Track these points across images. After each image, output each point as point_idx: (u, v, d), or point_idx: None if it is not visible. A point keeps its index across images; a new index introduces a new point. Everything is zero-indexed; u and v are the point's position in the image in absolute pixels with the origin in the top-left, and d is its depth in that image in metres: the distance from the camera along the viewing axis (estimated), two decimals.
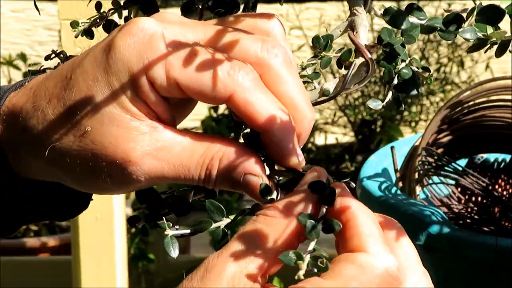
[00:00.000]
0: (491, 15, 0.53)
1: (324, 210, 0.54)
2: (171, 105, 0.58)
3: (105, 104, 0.55)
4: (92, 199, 0.66)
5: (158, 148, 0.56)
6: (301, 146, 0.58)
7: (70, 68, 0.57)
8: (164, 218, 0.59)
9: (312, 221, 0.52)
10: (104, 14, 0.65)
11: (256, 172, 0.56)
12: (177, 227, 0.57)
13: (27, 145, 0.58)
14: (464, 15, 0.56)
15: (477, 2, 0.54)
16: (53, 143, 0.57)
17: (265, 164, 0.58)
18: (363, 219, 0.54)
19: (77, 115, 0.56)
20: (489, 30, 0.53)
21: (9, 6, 4.34)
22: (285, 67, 0.57)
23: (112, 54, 0.55)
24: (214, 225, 0.57)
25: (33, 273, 2.90)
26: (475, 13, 0.54)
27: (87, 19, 0.66)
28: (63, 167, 0.58)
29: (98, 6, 0.66)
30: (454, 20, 0.56)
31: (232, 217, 0.57)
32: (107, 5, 0.66)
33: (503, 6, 0.53)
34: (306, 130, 0.58)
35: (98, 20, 0.65)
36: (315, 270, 0.52)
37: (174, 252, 0.57)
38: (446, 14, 0.57)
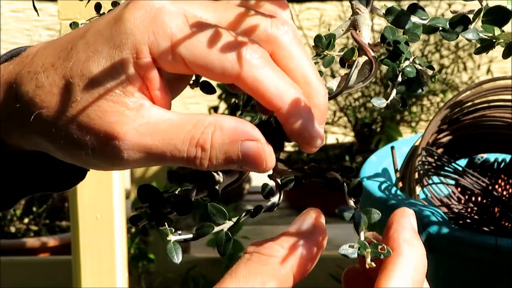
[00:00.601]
0: (498, 16, 0.53)
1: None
2: (167, 84, 0.56)
3: (101, 76, 0.54)
4: (88, 170, 0.65)
5: (143, 124, 0.54)
6: (323, 124, 0.56)
7: (71, 39, 0.57)
8: (166, 217, 0.59)
9: (352, 211, 0.53)
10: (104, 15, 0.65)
11: (254, 136, 0.54)
12: (179, 232, 0.57)
13: (18, 112, 0.57)
14: (471, 16, 0.56)
15: (484, 3, 0.54)
16: (41, 109, 0.56)
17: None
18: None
19: (70, 85, 0.55)
20: (497, 31, 0.53)
21: (9, 6, 4.34)
22: (296, 44, 0.56)
23: (116, 27, 0.55)
24: (217, 229, 0.56)
25: (33, 273, 2.90)
26: (481, 14, 0.54)
27: (86, 20, 0.66)
28: (49, 138, 0.57)
29: (98, 7, 0.66)
30: (460, 21, 0.56)
31: (235, 219, 0.57)
32: (107, 6, 0.66)
33: (510, 7, 0.53)
34: (322, 106, 0.56)
35: None
36: (381, 256, 0.52)
37: (178, 258, 0.56)
38: (452, 15, 0.56)
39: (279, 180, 0.58)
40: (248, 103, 0.62)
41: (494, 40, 0.54)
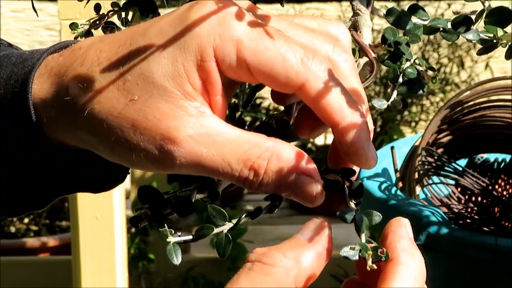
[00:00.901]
0: (500, 17, 0.53)
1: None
2: (227, 94, 0.55)
3: (161, 75, 0.53)
4: (129, 173, 0.63)
5: (201, 134, 0.53)
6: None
7: (131, 35, 0.55)
8: (166, 218, 0.59)
9: (353, 214, 0.53)
10: (104, 16, 0.65)
11: (309, 172, 0.53)
12: (179, 233, 0.57)
13: (67, 106, 0.55)
14: (473, 17, 0.56)
15: (486, 4, 0.54)
16: (94, 105, 0.54)
17: None
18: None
19: (127, 81, 0.53)
20: (499, 32, 0.53)
21: (9, 6, 4.34)
22: (354, 75, 0.55)
23: (181, 26, 0.53)
24: (216, 230, 0.55)
25: (33, 273, 2.90)
26: (484, 15, 0.54)
27: (86, 21, 0.66)
28: (98, 134, 0.55)
29: (98, 7, 0.66)
30: (463, 22, 0.56)
31: (234, 221, 0.56)
32: (106, 6, 0.66)
33: None
34: (370, 134, 0.55)
35: (97, 22, 0.65)
36: (382, 259, 0.52)
37: (177, 259, 0.56)
38: (453, 15, 0.57)
39: None
40: (248, 104, 0.61)
41: (496, 41, 0.54)
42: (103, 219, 1.92)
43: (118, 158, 0.56)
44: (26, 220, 3.36)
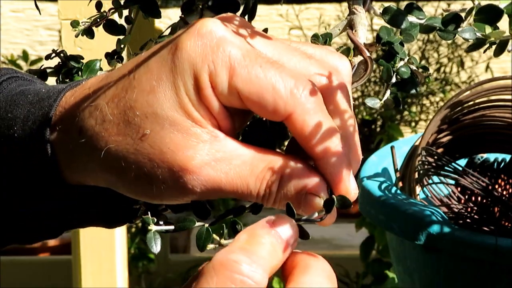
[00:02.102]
0: (489, 15, 0.53)
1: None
2: (231, 114, 0.55)
3: (168, 106, 0.53)
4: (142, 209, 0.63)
5: (217, 159, 0.54)
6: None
7: (134, 67, 0.55)
8: (161, 214, 0.59)
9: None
10: (105, 14, 0.65)
11: (318, 192, 0.54)
12: (161, 222, 0.57)
13: (83, 147, 0.56)
14: (463, 14, 0.56)
15: (476, 2, 0.54)
16: (109, 145, 0.54)
17: None
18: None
19: (136, 117, 0.54)
20: (488, 29, 0.53)
21: (9, 6, 4.34)
22: (347, 106, 0.56)
23: (178, 53, 0.53)
24: (198, 224, 0.56)
25: (33, 273, 2.90)
26: (473, 12, 0.54)
27: (88, 19, 0.66)
28: (117, 172, 0.55)
29: (99, 5, 0.66)
30: (452, 20, 0.56)
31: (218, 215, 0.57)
32: (107, 5, 0.66)
33: (502, 6, 0.53)
34: (357, 164, 0.56)
35: (98, 20, 0.65)
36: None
37: (156, 248, 0.56)
38: (444, 14, 0.57)
39: None
40: None
41: (485, 38, 0.54)
42: None
43: (138, 194, 0.56)
44: None
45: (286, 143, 0.58)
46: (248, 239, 0.51)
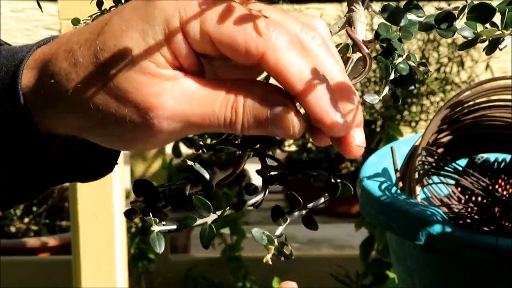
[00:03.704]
0: (482, 13, 0.54)
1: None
2: (204, 64, 0.57)
3: (134, 50, 0.55)
4: (117, 163, 0.66)
5: (181, 93, 0.56)
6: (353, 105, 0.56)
7: (108, 17, 0.57)
8: (160, 210, 0.59)
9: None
10: (105, 12, 0.65)
11: (283, 102, 0.55)
12: (163, 222, 0.58)
13: (54, 88, 0.58)
14: (456, 13, 0.56)
15: (469, 0, 0.55)
16: (78, 85, 0.57)
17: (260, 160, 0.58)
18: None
19: (104, 59, 0.56)
20: (479, 28, 0.53)
21: (9, 6, 4.34)
22: (324, 49, 0.56)
23: (151, 2, 0.55)
24: (200, 221, 0.57)
25: (33, 273, 2.90)
26: (466, 11, 0.54)
27: (88, 16, 0.66)
28: (85, 114, 0.57)
29: (100, 3, 0.66)
30: (446, 18, 0.57)
31: (219, 212, 0.58)
32: (107, 4, 0.66)
33: (494, 4, 0.53)
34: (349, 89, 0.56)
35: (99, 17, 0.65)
36: (282, 258, 0.54)
37: (160, 248, 0.57)
38: (437, 12, 0.57)
39: (266, 176, 0.59)
40: None
41: (476, 37, 0.54)
42: (103, 219, 1.92)
43: (107, 138, 0.58)
44: (26, 220, 3.36)
45: (286, 143, 0.58)
46: None
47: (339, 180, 0.57)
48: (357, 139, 0.56)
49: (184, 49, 0.55)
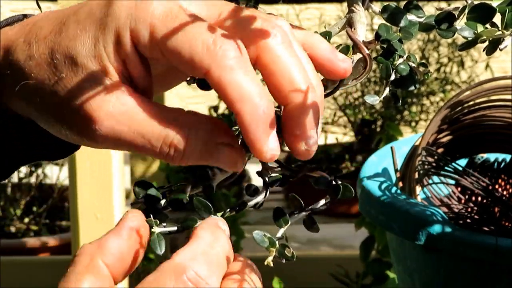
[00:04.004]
0: (482, 13, 0.53)
1: None
2: (151, 73, 0.57)
3: (84, 55, 0.55)
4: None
5: (121, 112, 0.55)
6: (317, 128, 0.55)
7: (67, 14, 0.58)
8: (161, 212, 0.59)
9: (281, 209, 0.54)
10: None
11: (227, 141, 0.55)
12: (164, 224, 0.58)
13: (11, 79, 0.59)
14: (456, 13, 0.56)
15: (469, 1, 0.54)
16: (29, 80, 0.57)
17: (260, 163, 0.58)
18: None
19: (57, 60, 0.56)
20: (480, 28, 0.53)
21: (9, 6, 4.34)
22: (284, 48, 0.55)
23: (105, 8, 0.56)
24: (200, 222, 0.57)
25: (33, 273, 2.90)
26: (466, 11, 0.54)
27: None
28: (35, 107, 0.58)
29: None
30: (446, 18, 0.57)
31: (219, 214, 0.58)
32: None
33: (494, 4, 0.53)
34: (313, 106, 0.55)
35: None
36: (283, 260, 0.54)
37: (161, 250, 0.57)
38: (437, 12, 0.57)
39: (266, 178, 0.59)
40: None
41: (476, 37, 0.54)
42: (103, 219, 1.92)
43: (53, 131, 0.59)
44: (26, 220, 3.36)
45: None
46: None
47: (340, 182, 0.57)
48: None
49: (133, 59, 0.55)
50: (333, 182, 0.57)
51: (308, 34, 0.58)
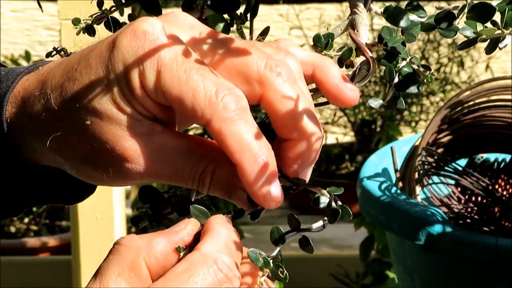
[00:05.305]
0: (482, 12, 0.54)
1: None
2: (169, 108, 0.58)
3: (104, 101, 0.56)
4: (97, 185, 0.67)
5: (154, 150, 0.57)
6: (307, 167, 0.58)
7: (77, 60, 0.58)
8: (166, 217, 0.59)
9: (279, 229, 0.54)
10: (106, 12, 0.65)
11: (246, 187, 0.57)
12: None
13: (33, 131, 0.59)
14: (456, 12, 0.56)
15: (469, 0, 0.54)
16: (54, 132, 0.57)
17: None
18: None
19: (77, 108, 0.57)
20: (479, 27, 0.53)
21: (9, 6, 4.34)
22: (288, 86, 0.56)
23: (114, 52, 0.56)
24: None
25: (33, 273, 2.90)
26: (466, 10, 0.54)
27: (89, 16, 0.66)
28: (63, 156, 0.58)
29: (100, 3, 0.66)
30: (445, 18, 0.57)
31: None
32: (108, 4, 0.66)
33: (494, 3, 0.53)
34: (314, 151, 0.58)
35: (99, 18, 0.65)
36: (275, 281, 0.54)
37: None
38: (437, 11, 0.57)
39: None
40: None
41: (476, 36, 0.54)
42: (103, 219, 1.92)
43: (83, 177, 0.60)
44: (26, 220, 3.36)
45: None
46: None
47: (340, 203, 0.56)
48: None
49: (147, 100, 0.56)
50: (333, 203, 0.56)
51: (320, 58, 0.59)
